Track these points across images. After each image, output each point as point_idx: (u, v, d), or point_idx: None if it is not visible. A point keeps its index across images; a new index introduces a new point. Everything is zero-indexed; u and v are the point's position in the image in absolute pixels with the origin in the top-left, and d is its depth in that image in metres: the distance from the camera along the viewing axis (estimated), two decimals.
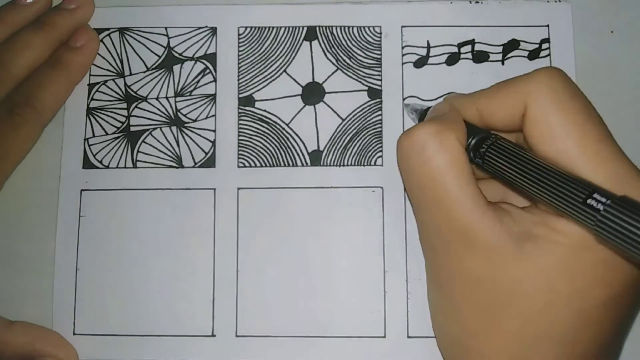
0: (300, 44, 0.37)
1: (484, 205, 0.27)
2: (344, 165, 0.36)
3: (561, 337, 0.26)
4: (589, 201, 0.23)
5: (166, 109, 0.37)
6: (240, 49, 0.38)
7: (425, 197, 0.28)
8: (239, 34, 0.38)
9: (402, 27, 0.37)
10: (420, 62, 0.37)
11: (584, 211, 0.23)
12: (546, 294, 0.26)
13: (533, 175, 0.26)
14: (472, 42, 0.37)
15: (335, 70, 0.37)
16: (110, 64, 0.38)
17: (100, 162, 0.37)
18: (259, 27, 0.38)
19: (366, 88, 0.37)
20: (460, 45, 0.37)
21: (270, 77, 0.37)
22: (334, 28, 0.37)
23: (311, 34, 0.37)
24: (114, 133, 0.37)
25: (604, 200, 0.23)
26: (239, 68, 0.37)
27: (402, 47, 0.37)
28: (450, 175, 0.27)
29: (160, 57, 0.38)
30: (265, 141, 0.37)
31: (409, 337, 0.34)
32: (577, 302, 0.26)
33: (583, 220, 0.23)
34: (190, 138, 0.37)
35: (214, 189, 0.36)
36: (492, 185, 0.31)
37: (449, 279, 0.28)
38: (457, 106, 0.30)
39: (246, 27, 0.38)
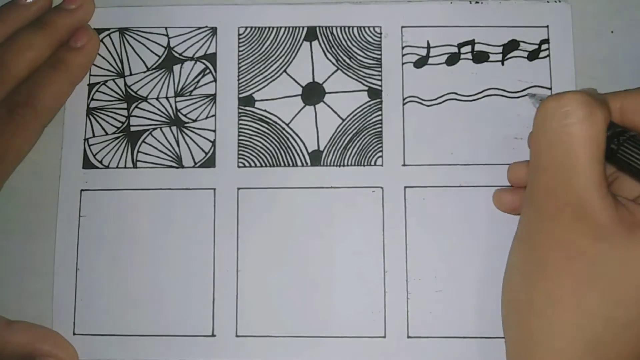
0: (301, 44, 0.37)
1: (605, 188, 0.27)
2: (344, 165, 0.36)
3: None
4: None
5: (166, 109, 0.37)
6: (240, 49, 0.38)
7: (552, 159, 0.28)
8: (239, 34, 0.38)
9: (402, 27, 0.37)
10: (420, 62, 0.37)
11: None
12: None
13: None
14: (472, 43, 0.37)
15: (335, 71, 0.37)
16: (110, 64, 0.38)
17: (100, 162, 0.37)
18: (259, 27, 0.38)
19: (366, 88, 0.37)
20: (460, 46, 0.37)
21: (270, 77, 0.37)
22: (334, 28, 0.37)
23: (311, 34, 0.37)
24: (114, 133, 0.37)
25: None
26: (239, 68, 0.37)
27: (402, 47, 0.37)
28: (587, 147, 0.27)
29: (160, 57, 0.38)
30: (265, 141, 0.37)
31: (409, 337, 0.34)
32: None
33: None
34: (190, 138, 0.37)
35: (214, 189, 0.36)
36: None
37: (548, 243, 0.28)
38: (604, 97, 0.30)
39: (246, 27, 0.38)
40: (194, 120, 0.37)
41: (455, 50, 0.37)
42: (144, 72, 0.38)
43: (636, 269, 0.26)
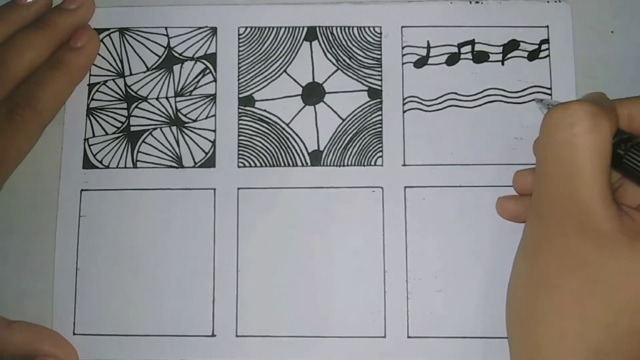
0: (301, 44, 0.37)
1: (610, 198, 0.27)
2: (344, 165, 0.36)
3: None
4: None
5: (166, 109, 0.37)
6: (240, 49, 0.38)
7: (557, 170, 0.28)
8: (239, 34, 0.38)
9: (402, 27, 0.37)
10: (420, 62, 0.37)
11: None
12: None
13: None
14: (472, 42, 0.37)
15: (336, 71, 0.37)
16: (110, 64, 0.38)
17: (100, 162, 0.37)
18: (259, 27, 0.38)
19: (366, 88, 0.37)
20: (460, 46, 0.37)
21: (270, 77, 0.37)
22: (334, 28, 0.37)
23: (311, 34, 0.37)
24: (114, 133, 0.37)
25: None
26: (239, 68, 0.37)
27: (402, 47, 0.37)
28: (591, 158, 0.27)
29: (160, 57, 0.38)
30: (265, 141, 0.37)
31: (409, 337, 0.34)
32: None
33: None
34: (190, 138, 0.37)
35: (214, 189, 0.36)
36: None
37: (551, 253, 0.28)
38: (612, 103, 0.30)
39: (246, 27, 0.38)
40: (194, 120, 0.37)
41: (455, 50, 0.37)
42: (144, 72, 0.38)
43: (638, 278, 0.26)
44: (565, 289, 0.28)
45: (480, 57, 0.37)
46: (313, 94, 0.37)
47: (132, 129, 0.37)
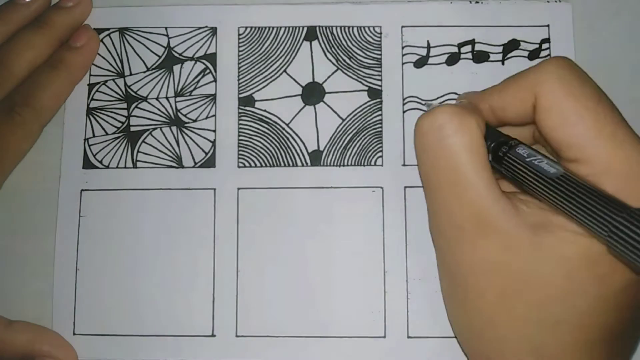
0: (300, 44, 0.37)
1: (498, 192, 0.27)
2: (344, 165, 0.36)
3: (579, 323, 0.26)
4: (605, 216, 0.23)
5: (166, 109, 0.37)
6: (240, 49, 0.38)
7: (438, 179, 0.28)
8: (239, 34, 0.38)
9: (402, 27, 0.37)
10: (420, 62, 0.37)
11: (597, 223, 0.24)
12: (564, 281, 0.26)
13: (546, 187, 0.26)
14: (472, 42, 0.37)
15: (335, 71, 0.37)
16: (110, 64, 0.38)
17: (100, 162, 0.37)
18: (259, 27, 0.38)
19: (366, 88, 0.37)
20: (460, 45, 0.37)
21: (270, 77, 0.37)
22: (334, 28, 0.37)
23: (311, 34, 0.37)
24: (114, 133, 0.37)
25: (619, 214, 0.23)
26: (239, 68, 0.37)
27: (402, 47, 0.37)
28: (466, 157, 0.27)
29: (160, 57, 0.38)
30: (265, 141, 0.37)
31: (409, 337, 0.34)
32: (596, 289, 0.26)
33: (596, 232, 0.24)
34: (190, 138, 0.37)
35: (214, 189, 0.36)
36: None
37: (461, 266, 0.28)
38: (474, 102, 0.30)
39: (246, 27, 0.38)
40: (194, 120, 0.37)
41: (455, 50, 0.37)
42: (144, 72, 0.38)
43: (546, 269, 0.26)
44: (488, 297, 0.27)
45: (480, 57, 0.37)
46: (313, 94, 0.37)
47: (132, 129, 0.37)
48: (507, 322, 0.27)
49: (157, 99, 0.37)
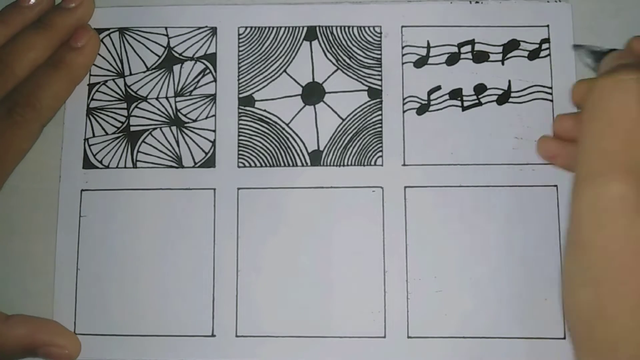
0: (300, 44, 0.37)
1: None
2: (344, 165, 0.36)
3: None
4: None
5: (166, 109, 0.37)
6: (240, 49, 0.38)
7: (614, 139, 0.27)
8: (239, 34, 0.38)
9: (402, 27, 0.37)
10: (420, 62, 0.37)
11: None
12: None
13: None
14: (472, 42, 0.37)
15: (335, 70, 0.37)
16: (110, 64, 0.38)
17: (100, 162, 0.37)
18: (259, 27, 0.38)
19: (366, 88, 0.37)
20: (460, 45, 0.37)
21: (270, 77, 0.37)
22: (334, 28, 0.37)
23: (311, 34, 0.37)
24: (114, 133, 0.37)
25: None
26: (239, 68, 0.37)
27: (402, 47, 0.37)
28: None
29: (160, 57, 0.38)
30: (265, 141, 0.37)
31: (409, 337, 0.34)
32: None
33: None
34: (190, 138, 0.37)
35: (214, 189, 0.36)
36: None
37: (611, 242, 0.26)
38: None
39: (246, 27, 0.38)
40: (194, 120, 0.37)
41: (455, 50, 0.37)
42: (144, 72, 0.38)
43: None
44: (636, 281, 0.26)
45: (480, 57, 0.37)
46: (313, 93, 0.37)
47: (132, 129, 0.37)
48: None
49: (157, 99, 0.37)
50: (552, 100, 0.36)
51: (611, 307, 0.26)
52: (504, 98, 0.36)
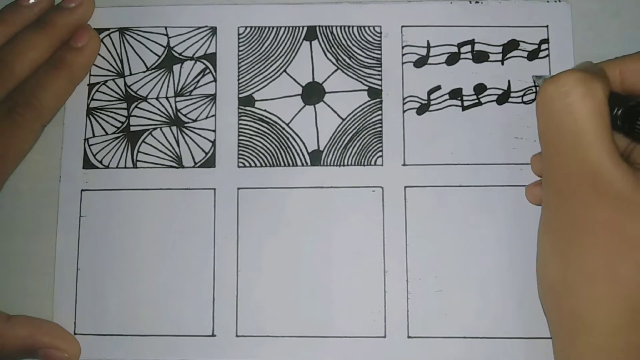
0: (300, 44, 0.37)
1: (618, 156, 0.28)
2: (344, 165, 0.36)
3: None
4: None
5: (166, 109, 0.37)
6: (240, 49, 0.38)
7: (561, 141, 0.29)
8: (239, 34, 0.38)
9: (402, 27, 0.37)
10: (420, 62, 0.37)
11: None
12: None
13: None
14: (472, 42, 0.37)
15: (335, 70, 0.37)
16: (110, 64, 0.38)
17: (100, 162, 0.37)
18: (259, 27, 0.38)
19: (366, 88, 0.37)
20: (460, 45, 0.37)
21: (270, 77, 0.37)
22: (334, 28, 0.37)
23: (311, 33, 0.37)
24: (114, 133, 0.37)
25: None
26: (239, 68, 0.37)
27: (402, 47, 0.37)
28: (591, 122, 0.28)
29: (160, 57, 0.38)
30: (265, 141, 0.37)
31: (409, 337, 0.34)
32: None
33: None
34: (190, 138, 0.37)
35: (214, 189, 0.36)
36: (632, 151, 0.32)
37: (572, 223, 0.29)
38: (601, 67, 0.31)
39: (246, 27, 0.38)
40: (194, 120, 0.37)
41: (455, 50, 0.37)
42: (144, 72, 0.38)
43: None
44: (592, 254, 0.28)
45: (480, 57, 0.37)
46: (313, 93, 0.37)
47: (132, 129, 0.37)
48: (607, 281, 0.28)
49: (157, 98, 0.37)
50: None
51: (574, 278, 0.29)
52: (503, 98, 0.36)
